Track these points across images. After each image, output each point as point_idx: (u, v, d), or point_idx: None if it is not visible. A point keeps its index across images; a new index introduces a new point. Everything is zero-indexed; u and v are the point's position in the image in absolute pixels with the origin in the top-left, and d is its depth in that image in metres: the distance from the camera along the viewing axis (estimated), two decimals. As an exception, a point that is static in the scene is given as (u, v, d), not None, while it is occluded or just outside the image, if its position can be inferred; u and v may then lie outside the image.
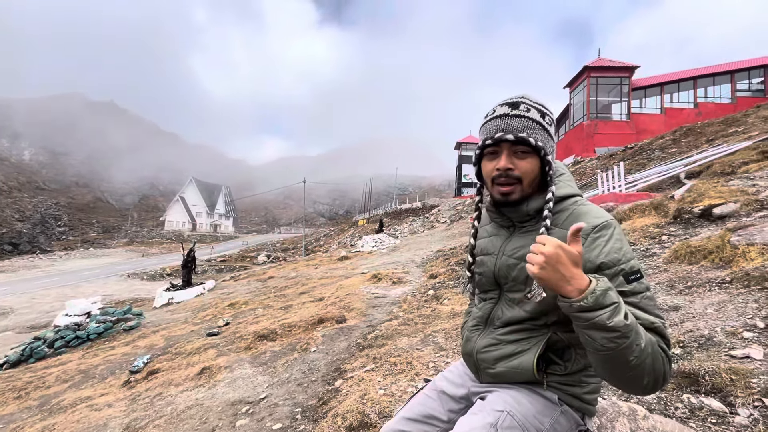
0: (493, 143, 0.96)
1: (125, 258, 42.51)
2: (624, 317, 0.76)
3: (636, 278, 0.86)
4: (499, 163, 0.96)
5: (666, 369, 0.81)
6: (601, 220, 0.91)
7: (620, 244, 0.89)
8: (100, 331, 8.24)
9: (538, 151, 0.95)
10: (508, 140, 0.94)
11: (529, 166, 0.96)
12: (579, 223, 0.80)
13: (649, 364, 0.78)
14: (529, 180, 0.97)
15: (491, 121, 0.98)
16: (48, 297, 20.09)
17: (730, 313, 2.41)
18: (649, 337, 0.79)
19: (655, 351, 0.79)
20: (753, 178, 5.57)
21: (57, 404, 4.34)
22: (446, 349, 3.15)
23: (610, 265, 0.86)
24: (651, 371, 0.79)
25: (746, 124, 13.31)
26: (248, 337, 4.94)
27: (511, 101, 0.99)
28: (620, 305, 0.77)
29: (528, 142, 0.94)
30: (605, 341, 0.76)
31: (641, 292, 0.85)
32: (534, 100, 1.00)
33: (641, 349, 0.76)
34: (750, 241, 3.28)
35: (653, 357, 0.79)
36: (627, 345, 0.75)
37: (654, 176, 9.97)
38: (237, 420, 2.73)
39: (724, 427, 1.57)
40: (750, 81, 24.21)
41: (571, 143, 26.60)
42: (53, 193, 71.13)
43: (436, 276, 7.06)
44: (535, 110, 0.97)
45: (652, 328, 0.82)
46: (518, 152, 0.95)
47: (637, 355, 0.76)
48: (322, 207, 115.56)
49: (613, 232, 0.90)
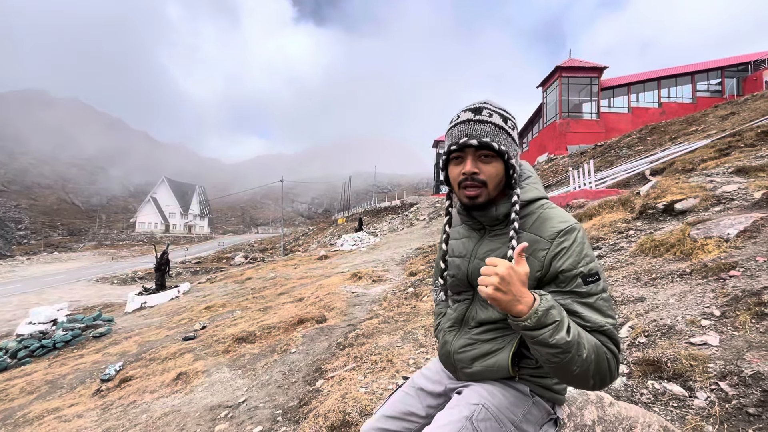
0: (457, 149, 0.99)
1: (93, 262, 40.67)
2: (566, 333, 0.82)
3: (593, 280, 0.91)
4: (464, 168, 0.99)
5: (612, 368, 0.88)
6: (566, 225, 0.96)
7: (581, 248, 0.94)
8: (68, 339, 7.88)
9: (501, 155, 0.99)
10: (472, 145, 0.97)
11: (493, 170, 0.99)
12: (523, 244, 0.87)
13: (593, 369, 0.85)
14: (494, 184, 1.00)
15: (455, 126, 1.00)
16: (9, 305, 18.96)
17: (690, 303, 2.56)
18: (594, 344, 0.86)
19: (600, 355, 0.86)
20: (711, 175, 5.90)
21: (22, 417, 4.13)
22: (426, 345, 3.20)
23: (570, 268, 0.92)
24: (596, 374, 0.86)
25: (705, 123, 14.06)
26: (226, 340, 4.85)
27: (473, 107, 1.01)
28: (561, 323, 0.83)
29: (491, 147, 0.96)
30: (549, 356, 0.84)
31: (597, 293, 0.91)
32: (496, 105, 1.02)
33: (583, 360, 0.83)
34: (708, 234, 3.49)
35: (597, 362, 0.86)
36: (569, 359, 0.83)
37: (622, 173, 10.40)
38: (216, 425, 2.69)
39: (685, 410, 1.68)
40: (708, 82, 25.60)
41: (544, 141, 27.36)
42: (13, 194, 67.21)
43: (415, 273, 7.13)
44: (498, 115, 1.00)
45: (602, 331, 0.89)
46: (482, 157, 0.98)
47: (579, 364, 0.84)
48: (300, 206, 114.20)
49: (576, 236, 0.95)
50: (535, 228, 0.98)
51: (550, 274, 0.94)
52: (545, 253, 0.95)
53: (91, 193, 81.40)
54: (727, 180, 5.41)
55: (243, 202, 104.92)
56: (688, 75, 25.45)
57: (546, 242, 0.95)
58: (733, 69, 25.12)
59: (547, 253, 0.94)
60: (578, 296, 0.90)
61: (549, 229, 0.97)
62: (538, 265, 0.95)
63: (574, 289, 0.91)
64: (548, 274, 0.94)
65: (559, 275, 0.93)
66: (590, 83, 25.55)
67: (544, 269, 0.95)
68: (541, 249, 0.95)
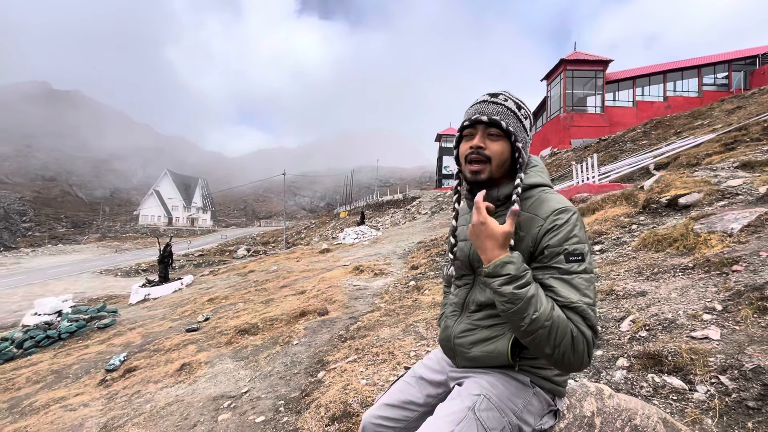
0: (469, 124, 1.05)
1: (97, 254, 40.98)
2: (516, 288, 0.87)
3: (576, 260, 0.93)
4: (472, 142, 1.04)
5: (579, 347, 0.87)
6: (562, 206, 0.99)
7: (572, 229, 0.95)
8: (73, 330, 7.97)
9: (508, 136, 1.03)
10: (482, 121, 1.02)
11: (499, 148, 1.03)
12: (515, 207, 0.93)
13: (545, 335, 0.85)
14: (498, 161, 1.03)
15: (472, 107, 1.07)
16: (15, 296, 19.19)
17: (692, 297, 2.55)
18: (555, 314, 0.87)
19: (563, 329, 0.86)
20: (715, 169, 5.86)
21: (29, 406, 4.20)
22: (427, 338, 3.21)
23: (556, 244, 0.94)
24: (556, 344, 0.86)
25: (711, 117, 13.92)
26: (229, 332, 4.89)
27: (492, 92, 1.08)
28: (516, 278, 0.88)
29: (499, 125, 1.01)
30: (499, 303, 0.90)
31: (577, 272, 0.92)
32: (513, 95, 1.08)
33: (532, 319, 0.85)
34: (711, 229, 3.47)
35: (553, 330, 0.85)
36: (515, 311, 0.86)
37: (625, 167, 10.34)
38: (219, 414, 2.72)
39: (684, 403, 1.69)
40: (715, 75, 25.30)
41: (548, 135, 27.19)
42: (17, 186, 67.58)
43: (417, 267, 7.14)
44: (512, 102, 1.06)
45: (572, 307, 0.89)
46: (491, 135, 1.03)
47: (527, 323, 0.86)
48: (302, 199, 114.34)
49: (570, 217, 0.97)
50: (534, 208, 1.01)
51: (538, 249, 0.97)
52: (538, 230, 0.97)
53: (95, 185, 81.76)
54: (732, 174, 5.36)
55: (245, 196, 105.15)
56: (694, 68, 25.14)
57: (541, 220, 0.98)
58: (741, 62, 24.78)
59: (540, 230, 0.97)
60: (556, 271, 0.93)
61: (545, 208, 0.99)
62: (531, 241, 0.98)
63: (553, 264, 0.94)
64: (537, 249, 0.97)
65: (545, 250, 0.95)
66: (595, 76, 25.30)
67: (537, 243, 0.97)
68: (535, 225, 0.98)
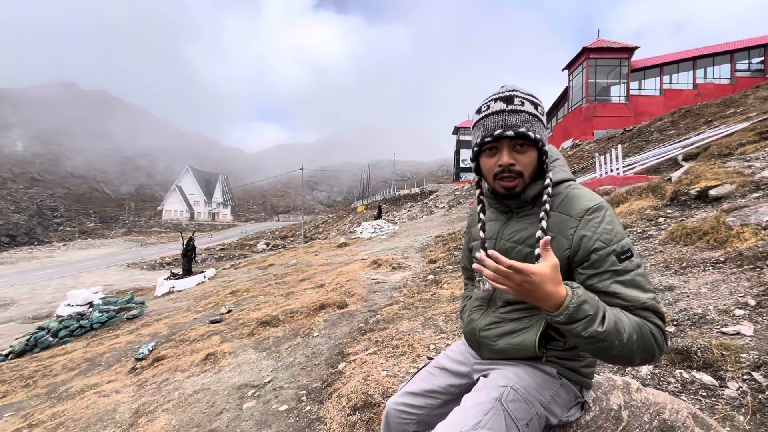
0: (492, 140, 0.97)
1: (124, 248, 42.52)
2: (600, 324, 0.82)
3: (627, 257, 0.90)
4: (501, 160, 0.97)
5: (659, 343, 0.87)
6: (594, 203, 0.95)
7: (612, 226, 0.93)
8: (104, 320, 8.32)
9: (536, 144, 0.98)
10: (509, 137, 0.95)
11: (528, 159, 0.99)
12: (546, 237, 0.85)
13: (636, 348, 0.85)
14: (529, 172, 1.00)
15: (487, 117, 0.98)
16: (49, 288, 20.17)
17: (723, 292, 2.47)
18: (634, 324, 0.85)
19: (644, 333, 0.85)
20: (749, 159, 5.59)
21: (65, 391, 4.42)
22: (447, 331, 3.21)
23: (602, 246, 0.91)
24: (640, 352, 0.86)
25: (745, 105, 13.26)
26: (251, 324, 5.01)
27: (503, 95, 0.98)
28: (595, 316, 0.83)
29: (528, 137, 0.95)
30: (585, 345, 0.86)
31: (633, 269, 0.90)
32: (525, 92, 1.00)
33: (623, 343, 0.83)
34: (744, 221, 3.33)
35: (640, 341, 0.85)
36: (606, 346, 0.84)
37: (652, 159, 9.99)
38: (244, 403, 2.80)
39: (714, 400, 1.64)
40: (750, 61, 24.00)
41: (569, 126, 26.49)
42: (48, 183, 70.61)
43: (435, 261, 7.13)
44: (529, 103, 0.98)
45: (644, 307, 0.88)
46: (517, 147, 0.97)
47: (619, 348, 0.84)
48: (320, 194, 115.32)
49: (605, 213, 0.94)
50: (563, 207, 0.98)
51: (581, 254, 0.93)
52: (573, 231, 0.94)
53: (120, 182, 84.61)
54: (767, 165, 5.12)
55: (264, 191, 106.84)
56: (727, 54, 23.91)
57: (574, 220, 0.95)
58: (778, 46, 23.45)
59: (576, 231, 0.94)
60: (615, 275, 0.90)
61: (577, 207, 0.96)
62: (567, 243, 0.95)
63: (609, 268, 0.90)
64: (579, 253, 0.94)
65: (592, 255, 0.92)
66: (619, 65, 24.41)
67: (573, 247, 0.94)
68: (569, 227, 0.95)
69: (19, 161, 73.02)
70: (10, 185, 62.84)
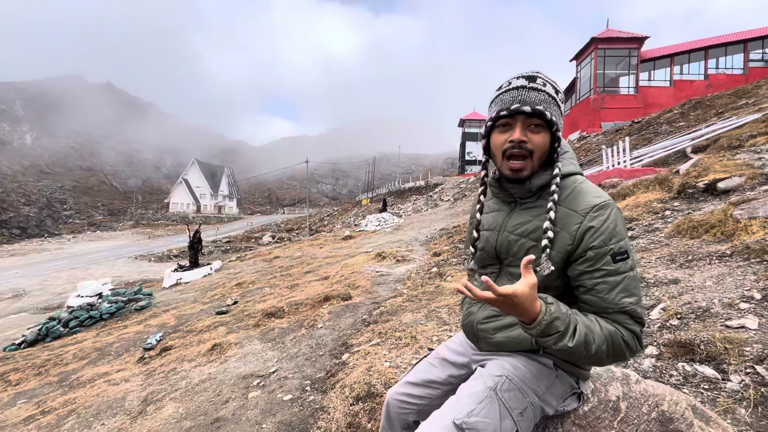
0: (508, 114, 0.96)
1: (132, 240, 43.02)
2: (570, 339, 0.87)
3: (622, 258, 0.91)
4: (513, 135, 0.96)
5: (631, 348, 0.91)
6: (601, 200, 0.95)
7: (614, 225, 0.92)
8: (113, 311, 8.47)
9: (551, 126, 0.97)
10: (525, 112, 0.94)
11: (541, 140, 0.97)
12: (529, 256, 0.86)
13: (605, 356, 0.90)
14: (539, 155, 0.98)
15: (506, 92, 0.97)
16: (59, 279, 20.51)
17: (729, 286, 2.45)
18: (606, 334, 0.90)
19: (615, 342, 0.90)
20: (760, 152, 5.50)
21: (76, 380, 4.52)
22: (449, 323, 3.23)
23: (600, 245, 0.92)
24: (610, 356, 0.91)
25: (757, 96, 12.98)
26: (257, 315, 5.07)
27: (527, 75, 0.98)
28: (565, 332, 0.87)
29: (544, 116, 0.95)
30: (555, 352, 0.93)
31: (624, 272, 0.91)
32: (548, 77, 1.00)
33: (591, 354, 0.89)
34: (752, 214, 3.29)
35: (610, 349, 0.90)
36: (575, 356, 0.90)
37: (660, 151, 9.85)
38: (249, 392, 2.85)
39: (716, 393, 1.64)
40: (764, 50, 23.40)
41: (577, 118, 26.15)
42: (57, 176, 71.40)
43: (439, 254, 7.13)
44: (551, 86, 0.98)
45: (623, 311, 0.91)
46: (532, 126, 0.96)
47: (587, 357, 0.90)
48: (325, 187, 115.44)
49: (610, 212, 0.93)
50: (569, 202, 0.97)
51: (580, 249, 0.94)
52: (577, 227, 0.94)
53: (128, 175, 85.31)
54: (777, 157, 5.03)
55: (269, 183, 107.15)
56: (739, 43, 23.33)
57: (579, 216, 0.94)
58: (793, 35, 22.85)
59: (580, 227, 0.94)
60: (606, 275, 0.91)
61: (583, 203, 0.95)
62: (570, 239, 0.95)
63: (602, 267, 0.91)
64: (579, 249, 0.94)
65: (588, 252, 0.92)
66: (629, 55, 23.95)
67: (576, 242, 0.94)
68: (573, 223, 0.95)
69: (28, 154, 73.85)
70: (20, 178, 63.68)
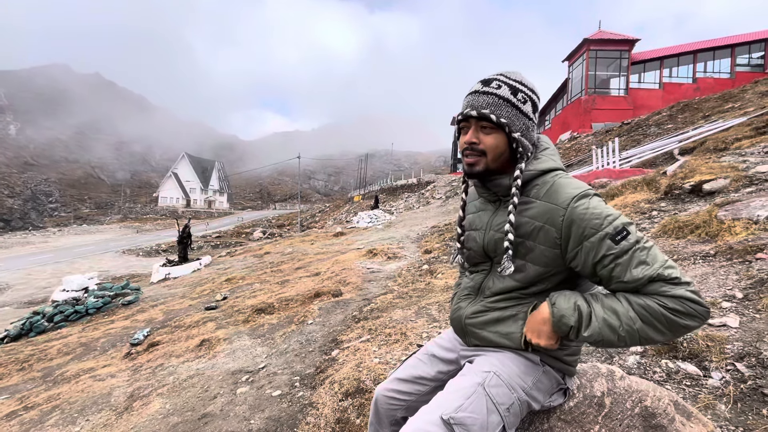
0: (462, 119, 1.03)
1: (120, 234, 42.35)
2: (586, 328, 0.90)
3: (623, 237, 0.88)
4: (465, 138, 1.03)
5: (683, 311, 0.81)
6: (579, 190, 0.95)
7: (600, 209, 0.91)
8: (99, 306, 8.33)
9: (501, 127, 0.99)
10: (473, 116, 1.00)
11: (493, 141, 1.00)
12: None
13: (651, 332, 0.85)
14: (493, 155, 1.01)
15: (466, 97, 1.04)
16: (44, 273, 20.12)
17: (712, 285, 2.50)
18: (636, 313, 0.85)
19: (653, 314, 0.83)
20: (744, 155, 5.62)
21: (61, 375, 4.45)
22: (439, 320, 3.25)
23: (593, 233, 0.90)
24: (659, 332, 0.84)
25: (743, 100, 13.26)
26: (246, 311, 5.04)
27: (486, 78, 1.03)
28: (579, 325, 0.91)
29: (489, 119, 0.98)
30: (589, 345, 0.96)
31: (631, 247, 0.87)
32: (510, 77, 1.02)
33: (623, 336, 0.87)
34: (736, 216, 3.36)
35: (650, 324, 0.84)
36: (607, 343, 0.90)
37: (648, 152, 10.01)
38: (238, 388, 2.84)
39: (698, 389, 1.68)
40: (750, 55, 23.93)
41: (568, 119, 26.42)
42: (43, 168, 69.85)
43: (430, 251, 7.16)
44: (507, 87, 1.00)
45: (650, 280, 0.85)
46: (484, 128, 1.00)
47: (624, 340, 0.88)
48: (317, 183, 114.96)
49: (590, 200, 0.93)
50: (549, 196, 0.98)
51: (573, 243, 0.93)
52: (562, 219, 0.94)
53: (116, 167, 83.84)
54: (761, 160, 5.15)
55: (261, 179, 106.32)
56: (727, 48, 23.81)
57: (561, 209, 0.95)
58: (779, 41, 23.35)
59: (564, 219, 0.94)
60: (615, 258, 0.88)
61: (563, 195, 0.96)
62: (556, 232, 0.95)
63: (607, 253, 0.88)
64: (571, 242, 0.93)
65: (585, 243, 0.91)
66: (620, 57, 24.25)
67: (564, 235, 0.94)
68: (558, 216, 0.95)
69: (12, 145, 72.05)
70: (3, 170, 62.12)
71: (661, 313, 0.83)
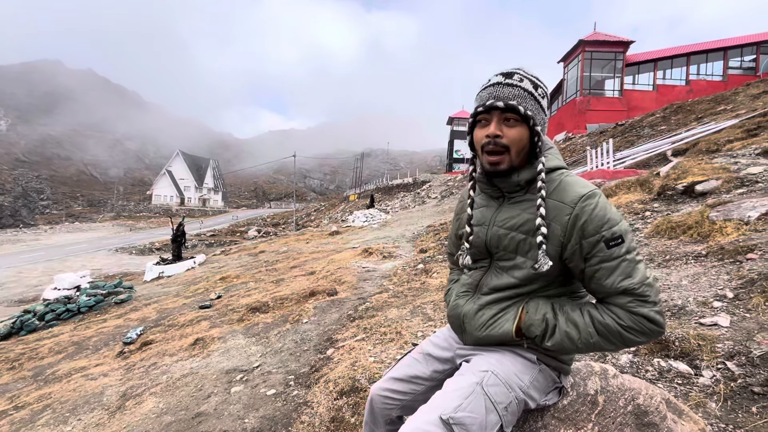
0: (484, 110, 0.99)
1: (113, 232, 41.95)
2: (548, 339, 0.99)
3: (616, 243, 0.92)
4: (488, 130, 0.99)
5: (638, 330, 0.91)
6: (588, 190, 0.96)
7: (604, 212, 0.93)
8: (91, 304, 8.25)
9: (526, 120, 0.98)
10: (498, 107, 0.97)
11: (517, 134, 0.98)
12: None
13: (600, 345, 0.95)
14: (516, 149, 1.00)
15: (485, 89, 1.01)
16: (35, 271, 19.88)
17: (703, 285, 2.53)
18: (596, 327, 0.95)
19: (612, 331, 0.93)
20: (736, 156, 5.69)
21: (52, 374, 4.40)
22: (434, 319, 3.26)
23: (592, 233, 0.93)
24: (613, 344, 0.94)
25: (735, 102, 13.42)
26: (241, 310, 5.02)
27: (506, 71, 1.01)
28: (543, 335, 1.00)
29: (517, 110, 0.96)
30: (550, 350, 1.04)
31: (620, 256, 0.92)
32: (529, 72, 1.02)
33: (579, 348, 0.97)
34: (727, 216, 3.41)
35: (605, 339, 0.94)
36: (566, 351, 1.01)
37: (642, 153, 10.10)
38: (232, 387, 2.82)
39: (689, 387, 1.70)
40: (742, 58, 24.22)
41: (563, 119, 26.56)
42: (34, 165, 68.99)
43: (426, 250, 7.17)
44: (528, 81, 1.00)
45: (621, 291, 0.92)
46: (507, 120, 0.98)
47: (580, 350, 0.98)
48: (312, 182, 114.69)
49: (598, 201, 0.95)
50: (557, 194, 0.99)
51: (574, 240, 0.95)
52: (568, 218, 0.95)
53: (109, 165, 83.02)
54: (752, 161, 5.21)
55: (256, 177, 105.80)
56: (720, 51, 24.07)
57: (569, 207, 0.96)
58: (770, 44, 23.66)
59: (570, 218, 0.95)
60: (601, 261, 0.93)
61: (571, 194, 0.97)
62: (561, 230, 0.96)
63: (597, 254, 0.93)
64: (572, 240, 0.95)
65: (583, 242, 0.94)
66: (615, 58, 24.43)
67: (567, 233, 0.95)
68: (564, 214, 0.96)
69: (2, 141, 71.09)
70: (-7, 166, 61.27)
71: (618, 330, 0.92)
